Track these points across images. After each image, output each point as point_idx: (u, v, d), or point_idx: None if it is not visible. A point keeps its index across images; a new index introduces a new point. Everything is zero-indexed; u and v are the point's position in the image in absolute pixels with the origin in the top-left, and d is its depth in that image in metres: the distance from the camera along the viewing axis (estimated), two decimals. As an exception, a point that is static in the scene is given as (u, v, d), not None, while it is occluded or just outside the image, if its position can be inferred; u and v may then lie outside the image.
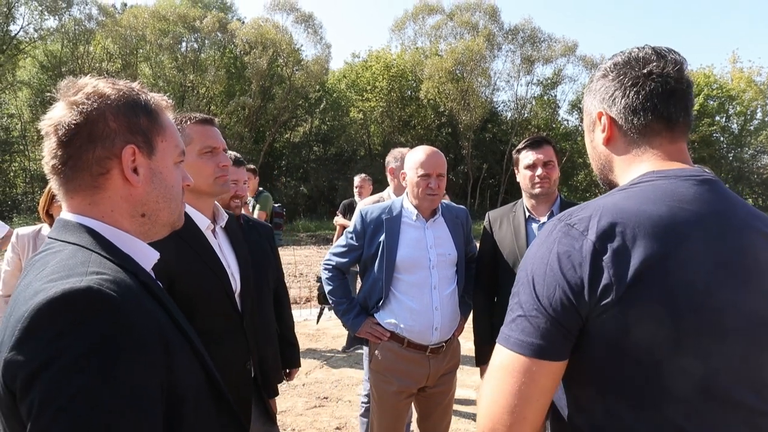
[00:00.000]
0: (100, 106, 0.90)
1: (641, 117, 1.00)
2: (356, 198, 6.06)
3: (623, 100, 1.01)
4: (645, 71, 0.99)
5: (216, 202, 1.85)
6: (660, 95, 0.98)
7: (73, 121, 0.88)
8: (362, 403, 3.24)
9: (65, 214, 0.93)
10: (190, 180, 1.08)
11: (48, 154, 0.90)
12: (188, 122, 1.71)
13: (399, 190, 3.21)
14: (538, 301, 0.90)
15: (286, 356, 2.40)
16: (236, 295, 1.76)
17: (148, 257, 0.99)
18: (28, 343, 0.71)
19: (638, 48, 1.03)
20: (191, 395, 0.88)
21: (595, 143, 1.10)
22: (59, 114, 0.89)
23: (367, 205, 2.97)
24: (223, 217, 1.84)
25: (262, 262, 2.47)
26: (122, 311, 0.76)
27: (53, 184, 0.93)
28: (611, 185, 1.10)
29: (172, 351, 0.84)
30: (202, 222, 1.72)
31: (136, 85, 1.00)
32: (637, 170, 1.01)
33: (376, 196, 3.41)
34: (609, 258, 0.86)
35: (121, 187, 0.93)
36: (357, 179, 6.16)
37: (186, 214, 1.66)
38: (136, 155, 0.92)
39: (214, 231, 1.78)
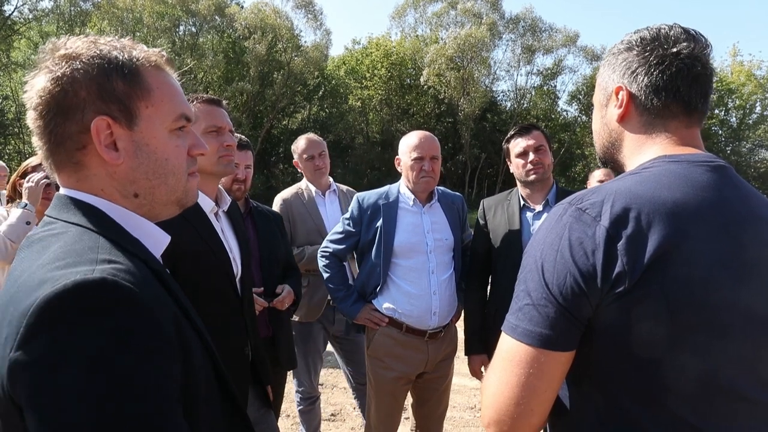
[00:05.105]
0: (72, 72, 0.78)
1: (662, 98, 0.95)
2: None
3: (646, 78, 0.96)
4: (674, 50, 0.94)
5: (219, 185, 1.83)
6: (685, 78, 0.94)
7: (45, 90, 0.78)
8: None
9: (63, 189, 0.83)
10: (203, 147, 0.94)
11: (30, 125, 0.81)
12: (195, 101, 1.70)
13: (313, 178, 3.05)
14: (548, 290, 0.86)
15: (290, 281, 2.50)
16: (237, 280, 1.75)
17: (158, 242, 0.89)
18: (37, 341, 0.61)
19: (667, 25, 0.97)
20: (203, 392, 0.79)
21: (606, 119, 1.05)
22: (36, 82, 0.80)
23: (284, 198, 2.98)
24: (226, 201, 1.82)
25: (273, 249, 2.45)
26: (141, 306, 0.67)
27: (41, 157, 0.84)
28: (616, 165, 1.06)
29: (188, 347, 0.75)
30: (207, 204, 1.70)
31: (124, 41, 0.86)
32: (648, 152, 0.97)
33: (294, 188, 3.15)
34: (623, 245, 0.82)
35: (103, 164, 0.81)
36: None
37: None
38: (112, 127, 0.79)
39: (216, 215, 1.77)
